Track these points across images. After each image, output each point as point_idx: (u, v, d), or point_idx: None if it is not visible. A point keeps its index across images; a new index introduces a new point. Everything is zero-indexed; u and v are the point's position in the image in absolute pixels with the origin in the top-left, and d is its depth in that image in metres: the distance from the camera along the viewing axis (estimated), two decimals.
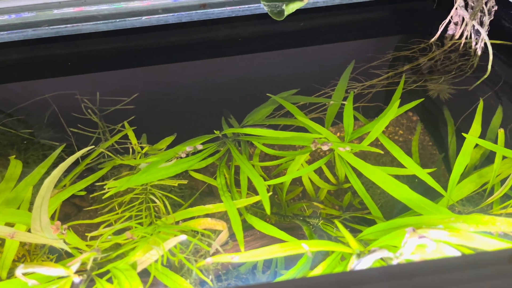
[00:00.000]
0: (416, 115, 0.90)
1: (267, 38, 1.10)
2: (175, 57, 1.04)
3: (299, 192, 0.80)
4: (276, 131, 0.72)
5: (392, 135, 0.88)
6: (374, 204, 0.71)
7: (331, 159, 0.77)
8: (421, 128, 0.88)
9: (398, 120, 0.89)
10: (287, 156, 0.77)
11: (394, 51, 1.01)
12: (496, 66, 0.94)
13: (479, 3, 0.89)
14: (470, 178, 0.72)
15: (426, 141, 0.87)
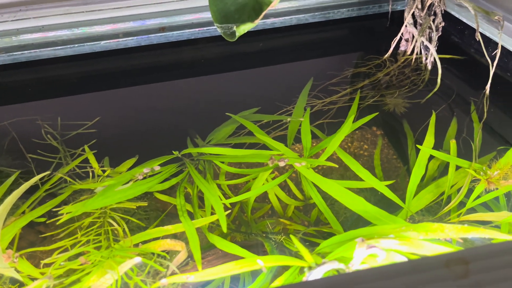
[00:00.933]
0: (380, 129, 0.92)
1: (228, 59, 1.11)
2: (137, 80, 1.04)
3: (267, 209, 0.80)
4: (234, 149, 0.72)
5: (358, 149, 0.89)
6: (334, 217, 0.71)
7: (297, 176, 0.77)
8: (382, 142, 0.90)
9: (363, 135, 0.91)
10: (251, 174, 0.77)
11: (351, 68, 1.04)
12: (448, 79, 0.97)
13: (426, 21, 0.92)
14: (428, 189, 0.74)
15: (390, 154, 0.88)
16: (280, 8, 1.10)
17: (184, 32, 1.00)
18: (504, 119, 0.89)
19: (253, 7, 0.67)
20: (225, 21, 0.68)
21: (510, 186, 0.68)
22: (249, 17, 0.67)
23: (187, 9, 1.03)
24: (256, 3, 0.67)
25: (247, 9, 0.68)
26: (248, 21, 0.66)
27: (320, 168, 0.79)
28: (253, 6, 0.67)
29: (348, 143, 0.86)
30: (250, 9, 0.67)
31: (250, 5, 0.67)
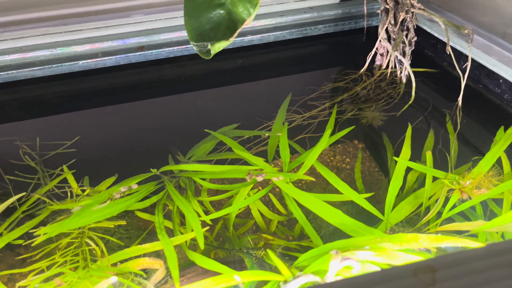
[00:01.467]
0: (362, 142, 0.93)
1: (208, 76, 1.12)
2: (117, 99, 1.04)
3: (251, 225, 0.80)
4: (213, 165, 0.73)
5: (340, 163, 0.90)
6: (314, 231, 0.72)
7: (281, 191, 0.78)
8: (363, 155, 0.91)
9: (345, 149, 0.92)
10: (233, 189, 0.77)
11: (329, 83, 1.06)
12: (423, 92, 1.00)
13: (399, 36, 0.95)
14: (407, 200, 0.75)
15: (372, 167, 0.89)
16: (258, 25, 1.12)
17: (163, 50, 1.01)
18: (478, 130, 0.91)
19: (228, 26, 0.68)
20: (201, 40, 0.69)
21: (483, 195, 0.69)
22: (224, 35, 0.68)
23: (166, 28, 1.04)
24: (230, 22, 0.68)
25: (222, 27, 0.69)
26: (223, 39, 0.67)
27: (303, 182, 0.80)
28: (227, 25, 0.68)
29: (330, 157, 0.87)
30: (225, 27, 0.69)
31: (225, 23, 0.68)
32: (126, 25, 1.02)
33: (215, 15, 0.69)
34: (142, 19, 1.04)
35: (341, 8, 1.19)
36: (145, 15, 1.05)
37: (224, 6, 0.69)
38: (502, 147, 0.78)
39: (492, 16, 1.08)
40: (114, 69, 1.05)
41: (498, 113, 0.92)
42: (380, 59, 1.04)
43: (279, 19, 1.13)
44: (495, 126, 0.86)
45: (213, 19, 0.69)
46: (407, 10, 0.97)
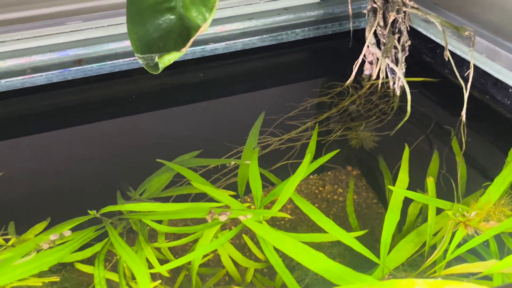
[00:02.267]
0: (356, 168, 0.94)
1: (164, 93, 1.13)
2: (50, 124, 1.03)
3: (222, 275, 0.79)
4: (166, 203, 0.73)
5: (331, 194, 0.91)
6: (295, 281, 0.71)
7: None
8: (360, 183, 0.92)
9: (336, 177, 0.92)
10: (197, 232, 0.77)
11: (311, 98, 1.07)
12: (423, 105, 1.02)
13: (390, 40, 0.98)
14: (407, 238, 0.75)
15: (370, 198, 0.90)
16: (222, 31, 1.14)
17: (106, 64, 1.02)
18: (487, 149, 0.93)
19: (180, 33, 0.69)
20: (148, 51, 0.70)
21: (493, 229, 0.71)
22: (175, 44, 0.69)
23: (110, 37, 1.05)
24: (183, 29, 0.69)
25: (173, 35, 0.70)
26: (174, 49, 0.67)
27: (286, 219, 0.80)
28: (179, 32, 0.69)
29: (319, 187, 0.88)
30: (176, 35, 0.69)
31: (176, 31, 0.69)
32: (60, 34, 1.03)
33: (165, 22, 0.70)
34: (80, 26, 1.05)
35: (322, 8, 1.22)
36: (84, 21, 1.05)
37: (175, 10, 0.70)
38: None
39: (500, 13, 1.12)
40: (46, 88, 1.04)
41: (509, 129, 0.95)
42: (369, 68, 1.06)
43: (247, 23, 1.15)
44: (506, 144, 0.88)
45: (162, 26, 0.70)
46: (398, 9, 1.00)
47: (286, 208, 0.81)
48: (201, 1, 0.67)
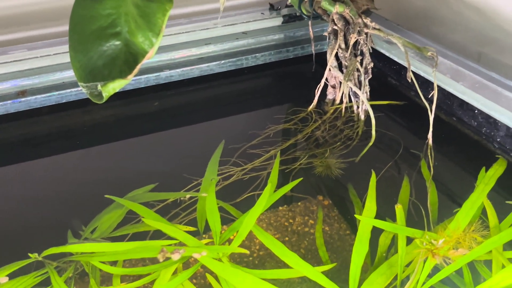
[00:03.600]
0: (327, 198, 0.94)
1: (117, 124, 1.12)
2: None
3: None
4: (115, 243, 0.71)
5: (301, 226, 0.90)
6: None
7: None
8: (329, 213, 0.91)
9: (307, 208, 0.92)
10: (152, 272, 0.75)
11: (274, 125, 1.08)
12: (390, 129, 1.03)
13: (352, 62, 0.99)
14: (379, 271, 0.75)
15: (343, 229, 0.89)
16: (178, 57, 1.15)
17: (53, 94, 1.01)
18: (457, 173, 0.94)
19: (126, 60, 0.68)
20: (92, 79, 0.69)
21: (465, 257, 0.71)
22: (121, 72, 0.68)
23: (56, 66, 1.04)
24: (129, 55, 0.69)
25: (118, 62, 0.69)
26: (119, 77, 0.67)
27: (255, 255, 0.79)
28: (125, 59, 0.68)
29: (289, 219, 0.88)
30: (122, 62, 0.69)
31: (122, 57, 0.69)
32: (2, 64, 1.02)
33: (109, 48, 0.70)
34: (24, 55, 1.04)
35: (283, 31, 1.24)
36: (29, 50, 1.05)
37: (121, 36, 0.70)
38: (483, 194, 0.81)
39: (464, 33, 1.16)
40: None
41: (477, 151, 0.96)
42: (332, 92, 1.08)
43: (204, 48, 1.16)
44: (475, 167, 0.90)
45: (106, 53, 0.70)
46: (359, 31, 1.02)
47: (255, 243, 0.80)
48: (147, 26, 0.67)
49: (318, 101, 1.08)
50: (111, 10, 0.71)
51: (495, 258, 0.73)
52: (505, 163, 0.90)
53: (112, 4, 0.71)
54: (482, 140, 0.97)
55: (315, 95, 1.07)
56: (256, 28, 1.23)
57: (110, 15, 0.71)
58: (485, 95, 0.89)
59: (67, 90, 1.03)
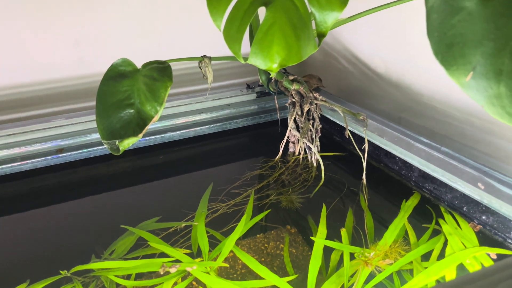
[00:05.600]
0: (294, 227, 0.94)
1: (132, 173, 1.12)
2: (35, 203, 1.00)
3: None
4: (126, 260, 0.70)
5: (274, 249, 0.90)
6: None
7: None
8: (295, 238, 0.91)
9: (278, 235, 0.92)
10: (160, 284, 0.74)
11: (251, 171, 1.09)
12: (335, 173, 1.05)
13: (306, 125, 1.02)
14: (330, 280, 0.75)
15: (306, 250, 0.89)
16: (178, 123, 1.16)
17: (83, 151, 1.01)
18: (386, 204, 0.95)
19: (138, 123, 0.70)
20: (112, 137, 0.70)
21: (392, 266, 0.71)
22: (134, 132, 0.70)
23: (86, 130, 1.05)
24: (140, 120, 0.71)
25: (132, 125, 0.71)
26: (132, 135, 0.68)
27: (238, 272, 0.78)
28: (137, 122, 0.71)
29: (264, 244, 0.87)
30: (135, 125, 0.71)
31: (135, 121, 0.71)
32: (46, 129, 1.02)
33: (126, 114, 0.72)
34: (63, 123, 1.05)
35: (256, 103, 1.27)
36: (66, 119, 1.06)
37: (134, 105, 0.72)
38: (403, 219, 0.83)
39: (388, 103, 1.20)
40: (31, 173, 1.02)
41: (399, 188, 0.97)
42: (292, 146, 1.10)
43: (198, 116, 1.18)
44: (399, 199, 0.91)
45: (123, 118, 0.72)
46: (311, 102, 1.05)
47: (238, 263, 0.79)
48: (154, 98, 0.70)
49: (282, 153, 1.09)
50: (127, 88, 0.74)
51: (415, 267, 0.74)
52: (419, 196, 0.91)
53: (128, 83, 0.73)
54: (402, 180, 0.99)
55: (280, 149, 1.09)
56: (236, 101, 1.26)
57: (127, 91, 0.74)
58: (402, 146, 0.91)
59: (94, 148, 1.04)
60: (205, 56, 0.90)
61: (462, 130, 0.98)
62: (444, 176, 0.82)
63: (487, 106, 0.49)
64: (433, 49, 0.50)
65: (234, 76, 1.45)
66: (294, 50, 0.66)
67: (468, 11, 0.49)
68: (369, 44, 1.21)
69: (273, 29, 0.65)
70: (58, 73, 1.23)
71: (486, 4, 0.48)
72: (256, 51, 0.66)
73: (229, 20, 0.67)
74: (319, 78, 1.19)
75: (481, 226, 0.79)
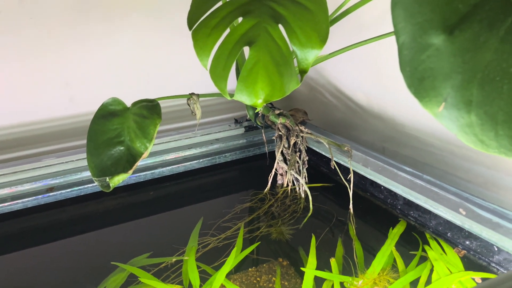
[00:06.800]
0: (285, 259, 0.94)
1: (122, 210, 1.12)
2: (24, 243, 0.99)
3: None
4: None
5: (266, 283, 0.89)
6: None
7: None
8: (287, 271, 0.91)
9: (270, 268, 0.92)
10: None
11: (240, 204, 1.09)
12: (324, 204, 1.06)
13: (293, 157, 1.04)
14: None
15: (298, 283, 0.89)
16: (168, 159, 1.17)
17: (73, 189, 1.01)
18: (373, 232, 0.96)
19: (128, 160, 0.72)
20: (102, 175, 0.71)
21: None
22: (124, 168, 0.71)
23: (77, 169, 1.06)
24: (130, 156, 0.72)
25: (122, 162, 0.72)
26: (122, 172, 0.70)
27: None
28: (127, 159, 0.72)
29: (257, 277, 0.87)
30: (125, 161, 0.72)
31: (125, 158, 0.72)
32: (37, 169, 1.03)
33: (116, 152, 0.73)
34: (53, 162, 1.06)
35: (245, 137, 1.29)
36: (57, 158, 1.06)
37: (124, 143, 0.74)
38: (391, 246, 0.83)
39: (371, 134, 1.23)
40: (21, 213, 1.02)
41: (385, 216, 0.99)
42: (280, 178, 1.11)
43: (187, 151, 1.20)
44: (385, 227, 0.92)
45: (114, 155, 0.73)
46: (297, 135, 1.08)
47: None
48: (143, 135, 0.71)
49: (271, 186, 1.10)
50: (117, 126, 0.76)
51: None
52: (405, 223, 0.93)
53: (118, 121, 0.75)
54: (388, 208, 1.00)
55: (268, 181, 1.11)
56: (225, 136, 1.28)
57: (117, 129, 0.76)
58: (386, 175, 0.93)
59: (85, 185, 1.04)
60: (193, 93, 0.93)
61: (443, 158, 1.00)
62: (427, 203, 0.83)
63: (460, 134, 0.52)
64: (406, 82, 0.53)
65: (223, 112, 1.48)
66: (277, 86, 0.68)
67: (436, 47, 0.52)
68: (351, 78, 1.26)
69: (257, 67, 0.68)
70: (48, 113, 1.24)
71: (452, 40, 0.51)
72: (242, 88, 0.69)
73: (215, 59, 0.69)
74: (305, 111, 1.23)
75: (465, 251, 0.80)
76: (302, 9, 0.70)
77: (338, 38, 1.00)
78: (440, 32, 0.52)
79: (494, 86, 0.51)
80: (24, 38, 1.16)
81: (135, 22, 1.26)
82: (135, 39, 1.29)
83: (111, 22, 1.24)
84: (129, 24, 1.26)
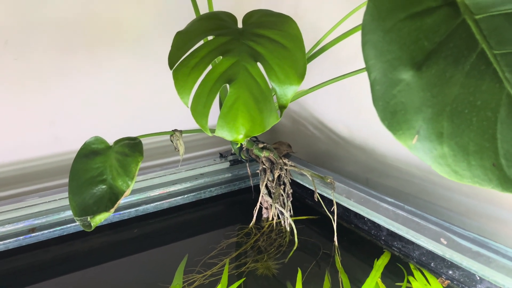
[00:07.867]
0: None
1: (108, 247, 1.10)
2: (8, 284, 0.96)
3: None
4: None
5: None
6: None
7: None
8: None
9: None
10: None
11: (226, 239, 1.09)
12: (309, 236, 1.06)
13: (277, 190, 1.04)
14: None
15: None
16: (152, 195, 1.17)
17: (56, 229, 1.00)
18: (358, 264, 0.96)
19: (110, 198, 0.72)
20: (84, 214, 0.71)
21: None
22: (106, 207, 0.71)
23: (59, 208, 1.04)
24: (112, 195, 0.72)
25: (104, 200, 0.72)
26: (104, 211, 0.69)
27: None
28: (109, 197, 0.72)
29: None
30: (107, 200, 0.72)
31: (107, 196, 0.72)
32: (18, 209, 1.01)
33: (98, 190, 0.73)
34: (36, 201, 1.04)
35: (230, 171, 1.30)
36: (40, 197, 1.05)
37: (106, 181, 0.73)
38: (376, 278, 0.83)
39: (354, 165, 1.24)
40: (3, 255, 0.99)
41: (370, 247, 0.99)
42: (266, 212, 1.11)
43: (172, 187, 1.19)
44: (371, 258, 0.92)
45: (96, 194, 0.73)
46: (281, 168, 1.08)
47: None
48: (125, 173, 0.71)
49: (256, 219, 1.10)
50: (100, 164, 0.76)
51: None
52: (390, 254, 0.93)
53: (100, 160, 0.75)
54: (373, 239, 1.00)
55: (253, 215, 1.10)
56: (210, 170, 1.28)
57: (99, 168, 0.76)
58: (368, 207, 0.94)
59: (68, 225, 1.02)
60: (176, 130, 0.94)
61: (425, 188, 1.02)
62: (409, 234, 0.84)
63: (435, 165, 0.54)
64: (380, 116, 0.55)
65: (208, 146, 1.49)
66: (257, 122, 0.70)
67: (406, 82, 0.54)
68: (332, 111, 1.28)
69: (237, 104, 0.70)
70: (33, 152, 1.24)
71: (420, 76, 0.54)
72: (223, 124, 0.70)
73: (196, 97, 0.71)
74: (289, 144, 1.24)
75: (449, 281, 0.80)
76: (280, 48, 0.73)
77: (316, 73, 1.03)
78: (409, 68, 0.54)
79: (463, 119, 0.52)
80: (8, 77, 1.17)
81: (120, 61, 1.29)
82: (119, 77, 1.30)
83: (95, 61, 1.25)
84: (113, 63, 1.28)
